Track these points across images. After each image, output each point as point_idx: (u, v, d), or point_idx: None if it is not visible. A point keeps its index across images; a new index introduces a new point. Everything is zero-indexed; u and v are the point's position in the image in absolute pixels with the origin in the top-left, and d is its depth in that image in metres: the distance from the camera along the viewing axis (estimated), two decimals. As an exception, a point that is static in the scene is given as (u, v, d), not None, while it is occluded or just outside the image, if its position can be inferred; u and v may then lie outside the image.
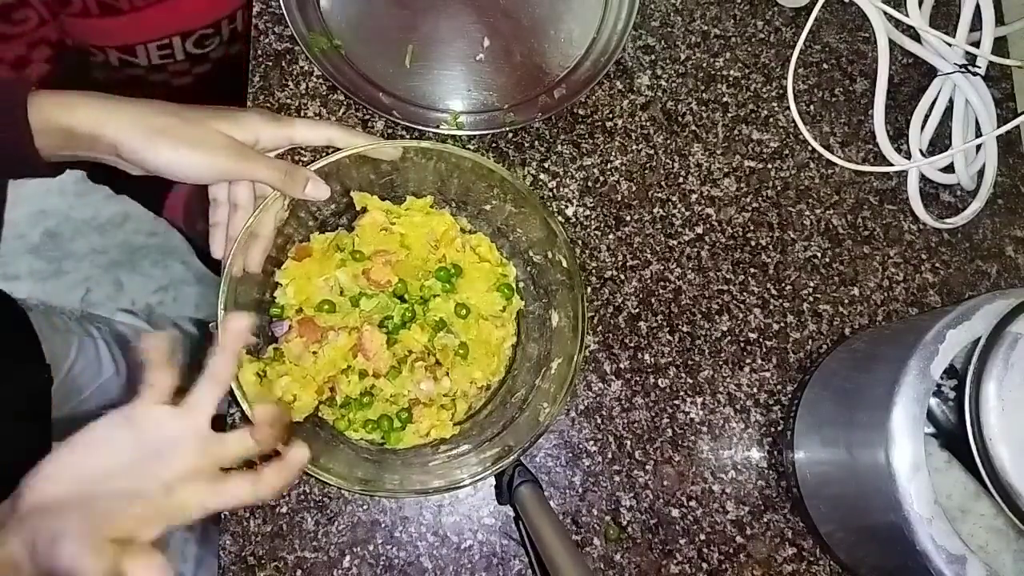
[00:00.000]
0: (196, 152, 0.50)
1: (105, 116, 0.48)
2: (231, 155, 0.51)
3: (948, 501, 0.49)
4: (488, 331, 0.58)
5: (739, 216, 0.68)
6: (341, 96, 0.65)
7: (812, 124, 0.71)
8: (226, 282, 0.51)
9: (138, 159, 0.49)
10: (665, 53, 0.71)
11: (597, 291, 0.64)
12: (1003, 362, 0.45)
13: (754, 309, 0.66)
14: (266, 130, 0.54)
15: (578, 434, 0.61)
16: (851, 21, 0.74)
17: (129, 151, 0.49)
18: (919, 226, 0.70)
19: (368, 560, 0.57)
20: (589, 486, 0.60)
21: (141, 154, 0.49)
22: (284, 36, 0.66)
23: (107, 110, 0.49)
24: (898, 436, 0.47)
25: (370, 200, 0.58)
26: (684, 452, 0.62)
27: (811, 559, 0.61)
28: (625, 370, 0.63)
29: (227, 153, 0.51)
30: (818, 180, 0.70)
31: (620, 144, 0.68)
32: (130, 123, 0.49)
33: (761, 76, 0.72)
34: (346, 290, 0.58)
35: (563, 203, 0.66)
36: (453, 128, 0.64)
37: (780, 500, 0.62)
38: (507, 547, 0.58)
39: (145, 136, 0.49)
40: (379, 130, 0.65)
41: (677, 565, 0.60)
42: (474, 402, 0.59)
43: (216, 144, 0.50)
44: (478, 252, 0.60)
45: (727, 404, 0.63)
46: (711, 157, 0.69)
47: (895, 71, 0.73)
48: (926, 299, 0.68)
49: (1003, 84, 0.75)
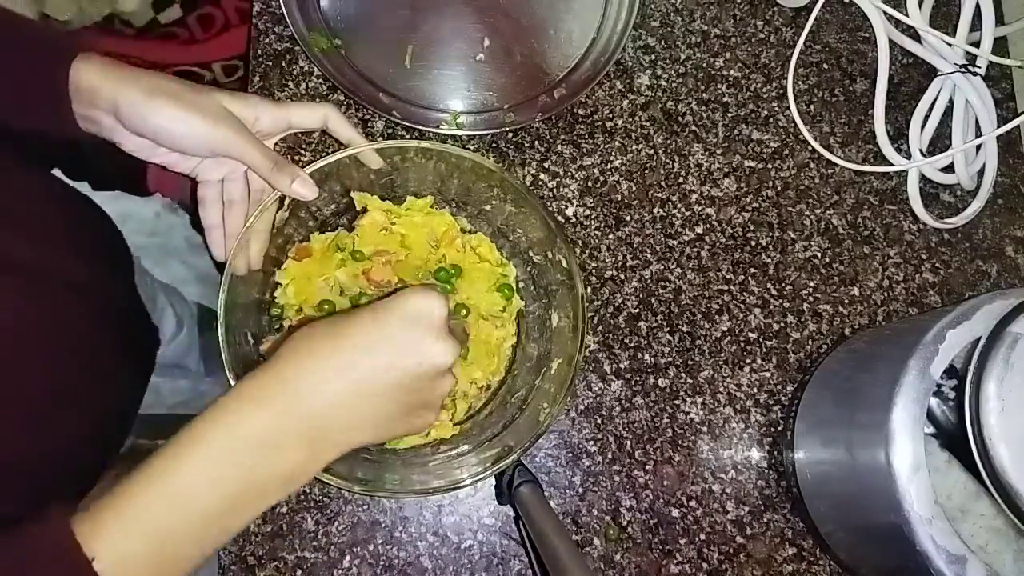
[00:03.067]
0: (196, 116, 0.48)
1: (107, 71, 0.47)
2: (231, 127, 0.49)
3: (948, 501, 0.49)
4: (488, 331, 0.58)
5: (739, 216, 0.68)
6: (341, 96, 0.65)
7: (812, 124, 0.71)
8: (226, 282, 0.51)
9: (137, 116, 0.47)
10: (665, 53, 0.71)
11: (597, 291, 0.64)
12: (1003, 362, 0.45)
13: (754, 309, 0.66)
14: (267, 110, 0.53)
15: (578, 434, 0.61)
16: (851, 21, 0.74)
17: (128, 106, 0.47)
18: (919, 226, 0.70)
19: (368, 560, 0.57)
20: (589, 486, 0.60)
21: (140, 109, 0.47)
22: (284, 36, 0.66)
23: (110, 67, 0.48)
24: (898, 436, 0.47)
25: (370, 200, 0.58)
26: (684, 452, 0.62)
27: (811, 559, 0.61)
28: (625, 370, 0.63)
29: (228, 124, 0.49)
30: (818, 180, 0.70)
31: (620, 144, 0.68)
32: (132, 80, 0.47)
33: (761, 76, 0.72)
34: (346, 290, 0.58)
35: (563, 203, 0.66)
36: (453, 128, 0.64)
37: (780, 500, 0.62)
38: (507, 547, 0.58)
39: (146, 93, 0.47)
40: (379, 130, 0.65)
41: (677, 565, 0.60)
42: (474, 402, 0.59)
43: (218, 114, 0.49)
44: (478, 252, 0.60)
45: (727, 404, 0.63)
46: (711, 157, 0.69)
47: (895, 71, 0.73)
48: (926, 299, 0.68)
49: (1003, 84, 0.75)
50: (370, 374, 0.38)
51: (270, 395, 0.37)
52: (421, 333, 0.39)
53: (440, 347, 0.39)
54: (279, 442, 0.37)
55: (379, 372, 0.38)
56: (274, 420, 0.37)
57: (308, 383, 0.38)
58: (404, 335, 0.39)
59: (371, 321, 0.39)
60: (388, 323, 0.39)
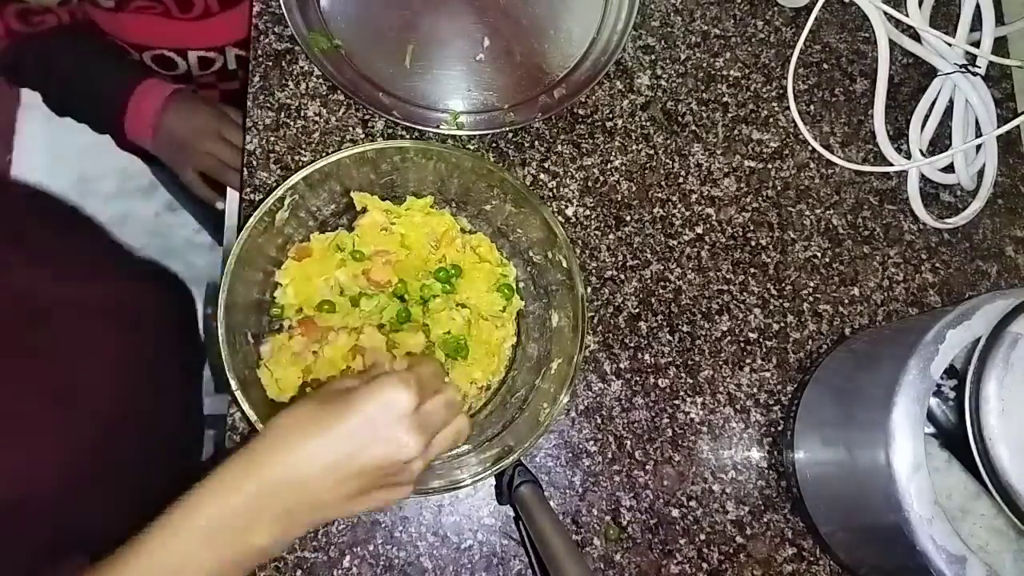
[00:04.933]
0: None
1: None
2: None
3: (948, 501, 0.49)
4: (488, 331, 0.58)
5: (739, 216, 0.68)
6: (341, 96, 0.65)
7: (812, 124, 0.71)
8: (226, 282, 0.51)
9: None
10: (665, 53, 0.71)
11: (597, 291, 0.64)
12: (1003, 362, 0.45)
13: (754, 309, 0.66)
14: None
15: (578, 434, 0.61)
16: (851, 21, 0.74)
17: None
18: (919, 226, 0.70)
19: (368, 560, 0.57)
20: (589, 486, 0.60)
21: None
22: (284, 36, 0.66)
23: None
24: (898, 436, 0.47)
25: (370, 200, 0.58)
26: (684, 452, 0.62)
27: (811, 559, 0.61)
28: (625, 370, 0.63)
29: None
30: (818, 180, 0.70)
31: (620, 144, 0.68)
32: None
33: (761, 76, 0.72)
34: (346, 290, 0.58)
35: (563, 203, 0.66)
36: (453, 128, 0.64)
37: (780, 500, 0.62)
38: (507, 547, 0.58)
39: None
40: (379, 130, 0.65)
41: (677, 565, 0.60)
42: (474, 402, 0.59)
43: None
44: (478, 252, 0.60)
45: (727, 404, 0.63)
46: (711, 157, 0.69)
47: (895, 71, 0.73)
48: (926, 299, 0.68)
49: (1003, 84, 0.75)
50: (344, 461, 0.41)
51: (243, 482, 0.40)
52: (394, 423, 0.41)
53: (411, 438, 0.41)
54: (250, 526, 0.40)
55: (353, 459, 0.41)
56: (247, 504, 0.40)
57: (281, 469, 0.40)
58: (378, 425, 0.41)
59: (346, 410, 0.41)
60: (363, 412, 0.41)
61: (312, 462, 0.40)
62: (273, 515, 0.40)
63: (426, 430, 0.42)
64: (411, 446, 0.41)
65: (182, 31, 0.77)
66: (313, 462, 0.40)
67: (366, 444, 0.41)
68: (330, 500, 0.41)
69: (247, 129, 0.64)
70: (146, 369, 0.62)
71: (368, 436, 0.41)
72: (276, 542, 0.41)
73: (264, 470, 0.40)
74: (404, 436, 0.41)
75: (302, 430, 0.41)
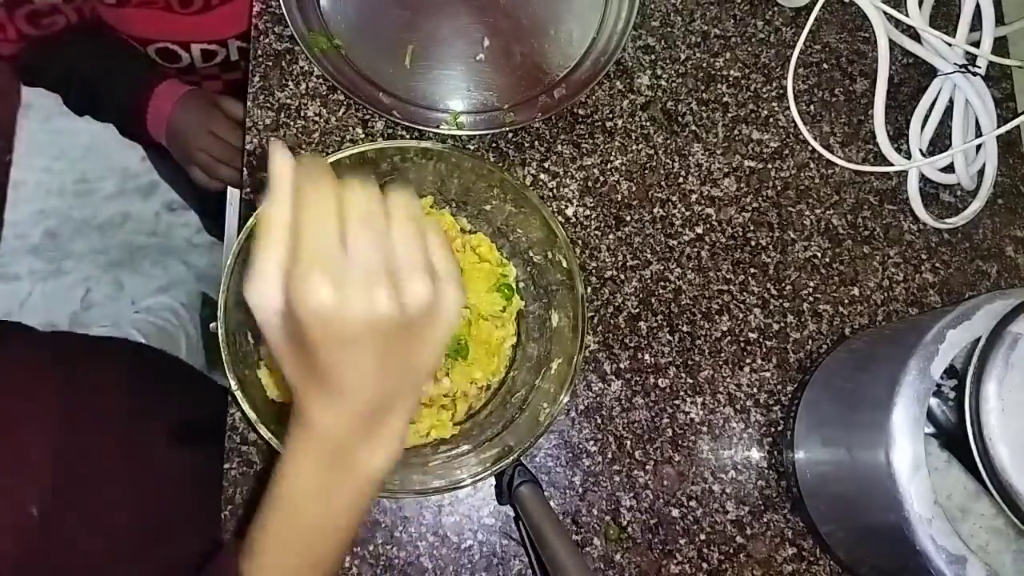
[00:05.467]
0: None
1: None
2: None
3: (948, 501, 0.49)
4: (488, 331, 0.58)
5: (739, 216, 0.68)
6: (341, 96, 0.65)
7: (812, 124, 0.71)
8: (226, 282, 0.51)
9: None
10: (665, 53, 0.71)
11: (597, 291, 0.64)
12: (1003, 362, 0.45)
13: (754, 309, 0.66)
14: None
15: (578, 434, 0.61)
16: (851, 21, 0.74)
17: None
18: (919, 226, 0.70)
19: (368, 560, 0.57)
20: (589, 486, 0.60)
21: None
22: (284, 36, 0.66)
23: None
24: (898, 436, 0.47)
25: (370, 200, 0.58)
26: (684, 452, 0.62)
27: (811, 559, 0.61)
28: (625, 370, 0.63)
29: None
30: (818, 180, 0.70)
31: (620, 144, 0.68)
32: None
33: (761, 76, 0.72)
34: (346, 290, 0.58)
35: (563, 203, 0.66)
36: (453, 128, 0.64)
37: (780, 500, 0.62)
38: (507, 547, 0.58)
39: None
40: (379, 130, 0.66)
41: (677, 565, 0.60)
42: (474, 402, 0.59)
43: None
44: (478, 252, 0.60)
45: (727, 404, 0.63)
46: (711, 157, 0.69)
47: (895, 71, 0.73)
48: (926, 299, 0.68)
49: (1003, 84, 0.75)
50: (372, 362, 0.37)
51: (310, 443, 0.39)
52: (337, 307, 0.33)
53: (357, 289, 0.33)
54: (354, 451, 0.39)
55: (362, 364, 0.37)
56: (334, 446, 0.39)
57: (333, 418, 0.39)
58: (332, 326, 0.34)
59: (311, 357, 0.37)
60: (311, 340, 0.36)
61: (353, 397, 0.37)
62: (364, 432, 0.38)
63: (364, 267, 0.33)
64: (368, 295, 0.33)
65: (184, 25, 0.78)
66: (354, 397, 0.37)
67: (339, 351, 0.34)
68: (390, 389, 0.38)
69: (247, 129, 0.64)
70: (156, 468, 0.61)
71: (333, 343, 0.34)
72: (387, 457, 0.40)
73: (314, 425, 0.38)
74: (354, 298, 0.33)
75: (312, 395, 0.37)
